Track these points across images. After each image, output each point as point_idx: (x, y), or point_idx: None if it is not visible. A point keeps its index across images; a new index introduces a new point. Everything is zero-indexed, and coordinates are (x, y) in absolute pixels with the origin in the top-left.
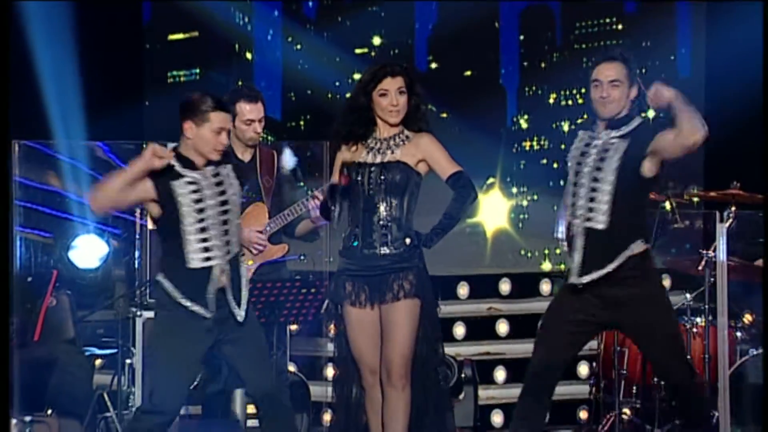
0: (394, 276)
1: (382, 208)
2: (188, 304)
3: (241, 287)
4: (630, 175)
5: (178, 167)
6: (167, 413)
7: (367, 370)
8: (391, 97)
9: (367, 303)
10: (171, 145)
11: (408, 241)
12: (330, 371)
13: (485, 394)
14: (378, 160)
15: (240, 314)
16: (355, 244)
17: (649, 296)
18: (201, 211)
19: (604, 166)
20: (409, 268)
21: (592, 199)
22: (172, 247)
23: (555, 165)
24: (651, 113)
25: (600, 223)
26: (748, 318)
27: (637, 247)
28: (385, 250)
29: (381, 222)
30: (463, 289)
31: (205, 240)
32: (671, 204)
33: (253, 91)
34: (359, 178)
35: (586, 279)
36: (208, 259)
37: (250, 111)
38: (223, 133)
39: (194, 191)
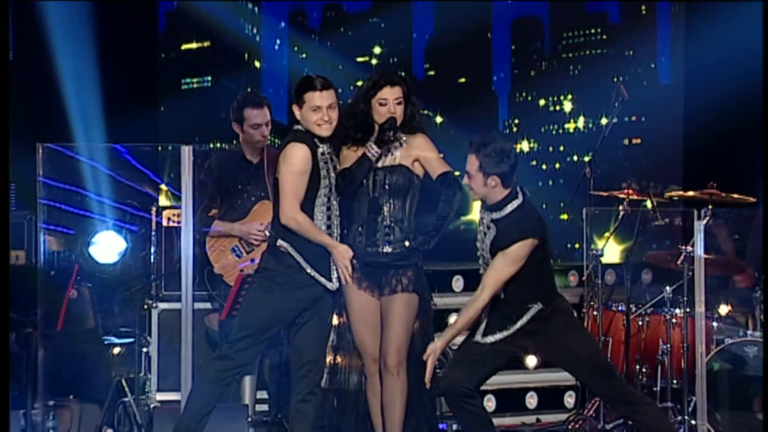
0: (393, 271)
1: (385, 209)
2: (312, 273)
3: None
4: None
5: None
6: (240, 363)
7: (369, 359)
8: (389, 105)
9: (368, 290)
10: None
11: (407, 243)
12: (332, 359)
13: None
14: (380, 164)
15: (332, 285)
16: (359, 241)
17: (562, 324)
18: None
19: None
20: (408, 266)
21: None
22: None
23: (544, 167)
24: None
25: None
26: (723, 309)
27: (534, 309)
28: (387, 249)
29: (385, 222)
30: (457, 283)
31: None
32: (652, 202)
33: (258, 97)
34: (364, 181)
35: (489, 339)
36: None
37: (256, 116)
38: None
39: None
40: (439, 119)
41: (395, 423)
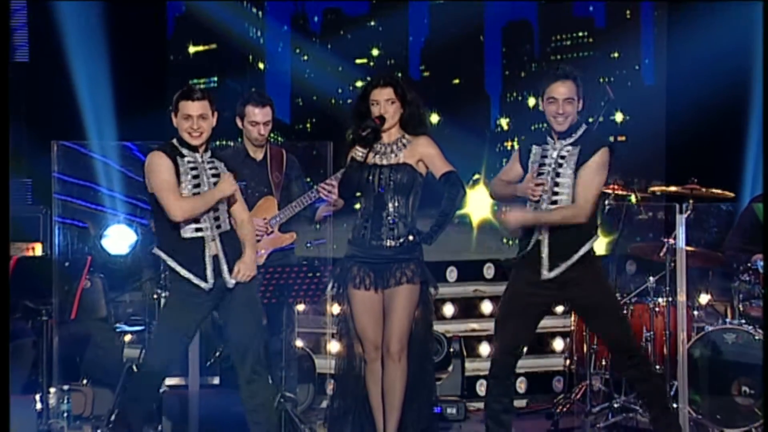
0: (396, 265)
1: (390, 205)
2: (187, 275)
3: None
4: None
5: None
6: (157, 373)
7: (370, 346)
8: (380, 106)
9: (371, 286)
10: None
11: (411, 238)
12: (333, 346)
13: (471, 366)
14: (385, 162)
15: (229, 282)
16: (364, 235)
17: (594, 276)
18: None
19: (562, 171)
20: (410, 259)
21: (554, 202)
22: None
23: None
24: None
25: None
26: (704, 298)
27: (595, 239)
28: (391, 243)
29: (389, 218)
30: (452, 273)
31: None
32: (636, 197)
33: (262, 97)
34: (370, 178)
35: (554, 273)
36: (198, 230)
37: (256, 114)
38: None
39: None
40: (434, 118)
41: (395, 407)
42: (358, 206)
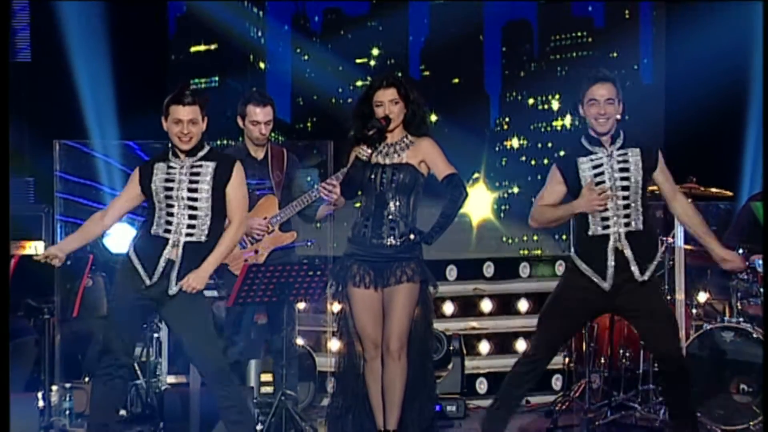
0: (397, 264)
1: (392, 204)
2: (139, 268)
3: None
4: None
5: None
6: (120, 358)
7: (369, 344)
8: (384, 107)
9: (371, 285)
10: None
11: (412, 237)
12: (334, 344)
13: (471, 364)
14: (388, 161)
15: (172, 288)
16: (365, 234)
17: (651, 283)
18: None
19: (626, 176)
20: (411, 258)
21: (626, 206)
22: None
23: (533, 162)
24: None
25: (636, 224)
26: (702, 297)
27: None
28: (391, 242)
29: (390, 217)
30: (451, 272)
31: (170, 215)
32: None
33: (263, 97)
34: (372, 177)
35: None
36: (167, 231)
37: (257, 113)
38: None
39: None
40: (434, 117)
41: (395, 404)
42: (358, 205)
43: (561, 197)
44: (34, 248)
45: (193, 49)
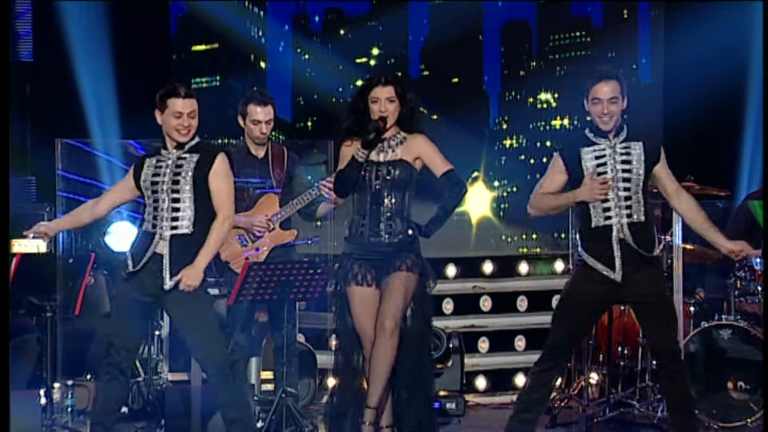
0: (395, 257)
1: (387, 201)
2: (129, 261)
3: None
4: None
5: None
6: (122, 357)
7: (368, 342)
8: (380, 103)
9: (373, 283)
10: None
11: (410, 232)
12: (334, 342)
13: (470, 361)
14: (382, 158)
15: (166, 283)
16: (362, 232)
17: (657, 275)
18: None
19: (628, 168)
20: (409, 251)
21: (627, 198)
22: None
23: (532, 161)
24: None
25: (638, 216)
26: (700, 295)
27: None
28: (390, 239)
29: (387, 214)
30: (451, 270)
31: (156, 209)
32: None
33: (264, 96)
34: (367, 174)
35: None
36: (154, 226)
37: (258, 112)
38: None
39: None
40: (433, 116)
41: (380, 380)
42: None
43: (561, 186)
44: (36, 246)
45: (194, 48)
